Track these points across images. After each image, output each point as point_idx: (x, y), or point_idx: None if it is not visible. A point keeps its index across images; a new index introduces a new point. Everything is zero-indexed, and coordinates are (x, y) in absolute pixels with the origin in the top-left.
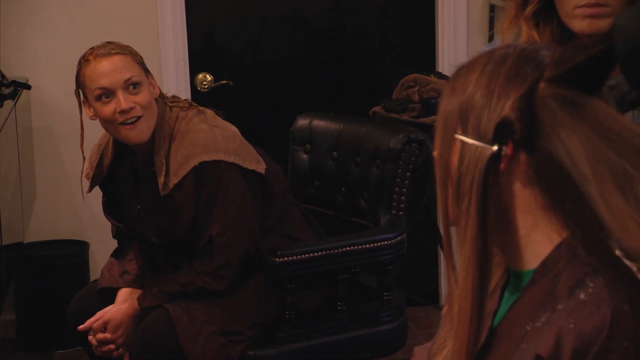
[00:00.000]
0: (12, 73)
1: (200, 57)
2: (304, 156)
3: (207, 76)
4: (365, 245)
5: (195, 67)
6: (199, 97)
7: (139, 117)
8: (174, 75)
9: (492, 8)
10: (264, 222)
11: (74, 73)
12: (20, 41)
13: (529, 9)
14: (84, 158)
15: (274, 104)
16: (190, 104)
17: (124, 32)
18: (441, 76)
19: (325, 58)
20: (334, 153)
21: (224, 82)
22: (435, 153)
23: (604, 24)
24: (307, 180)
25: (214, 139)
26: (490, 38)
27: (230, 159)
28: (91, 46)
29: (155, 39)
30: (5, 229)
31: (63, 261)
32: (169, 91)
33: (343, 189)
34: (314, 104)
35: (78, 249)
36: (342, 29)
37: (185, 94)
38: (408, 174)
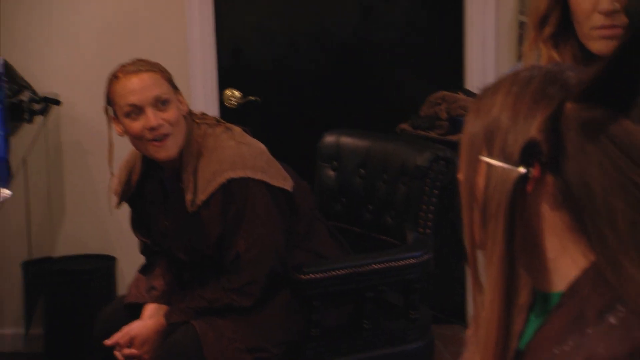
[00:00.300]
0: (43, 89)
1: (228, 73)
2: (331, 173)
3: (235, 92)
4: (391, 263)
5: (223, 83)
6: (226, 113)
7: (167, 134)
8: (202, 91)
9: (521, 25)
10: (290, 239)
11: (104, 90)
12: (50, 57)
13: (547, 31)
14: (112, 174)
15: (302, 121)
16: (218, 121)
17: (152, 48)
18: (469, 93)
19: (352, 74)
20: (362, 170)
21: (252, 98)
22: (460, 175)
23: None
24: (333, 197)
25: (242, 156)
26: (520, 55)
27: (258, 176)
28: (120, 63)
29: (183, 55)
30: (34, 243)
31: (91, 276)
32: (197, 108)
33: (370, 206)
34: (341, 121)
35: (106, 264)
36: (369, 45)
37: (213, 110)
38: (435, 191)
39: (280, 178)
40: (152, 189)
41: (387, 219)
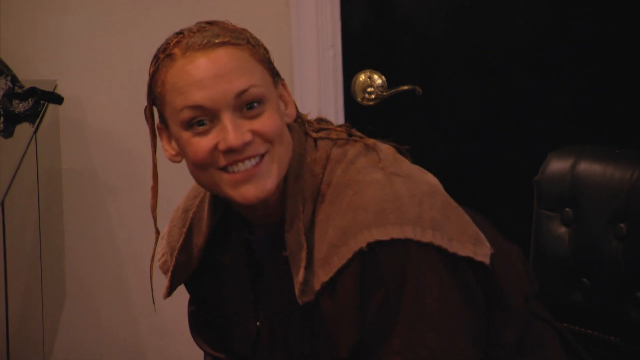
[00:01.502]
0: (33, 74)
1: (362, 45)
2: (562, 230)
3: (376, 77)
4: None
5: (353, 63)
6: (359, 115)
7: (260, 157)
8: (314, 76)
9: None
10: (491, 354)
11: (137, 77)
12: (44, 26)
13: None
14: (157, 232)
15: (499, 129)
16: (350, 135)
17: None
18: None
19: (602, 40)
20: (621, 225)
21: (406, 87)
22: None
23: None
24: (568, 276)
25: (396, 199)
26: None
27: (427, 236)
28: (177, 25)
29: (283, 11)
30: (15, 353)
31: None
32: (302, 105)
33: (639, 294)
34: (577, 131)
35: None
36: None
37: (334, 110)
38: None
39: (469, 240)
40: (231, 260)
41: None
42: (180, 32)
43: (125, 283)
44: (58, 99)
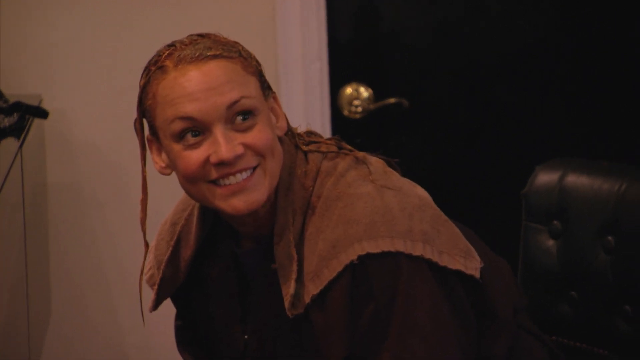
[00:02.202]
0: (18, 88)
1: (349, 57)
2: (550, 243)
3: (363, 90)
4: None
5: (339, 76)
6: (346, 128)
7: (252, 170)
8: (300, 90)
9: None
10: None
11: (122, 91)
12: (29, 40)
13: None
14: (146, 245)
15: (487, 142)
16: (340, 147)
17: (205, 13)
18: None
19: (590, 54)
20: (609, 238)
21: (393, 100)
22: None
23: None
24: (556, 288)
25: (387, 212)
26: None
27: (418, 249)
28: (165, 39)
29: (268, 24)
30: None
31: None
32: (292, 121)
33: (627, 306)
34: (564, 144)
35: None
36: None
37: (321, 124)
38: None
39: (459, 253)
40: (217, 274)
41: None
42: (172, 45)
43: (112, 298)
44: (43, 113)
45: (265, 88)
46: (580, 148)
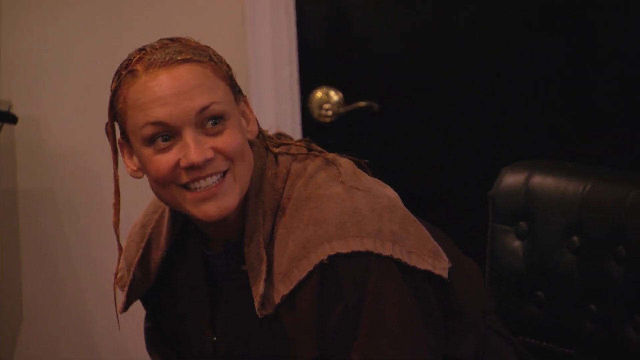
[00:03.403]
0: None
1: (319, 61)
2: (516, 243)
3: (333, 94)
4: None
5: (310, 80)
6: (316, 131)
7: (222, 174)
8: (271, 94)
9: None
10: None
11: (96, 94)
12: None
13: None
14: (119, 249)
15: (454, 144)
16: (310, 149)
17: (175, 18)
18: None
19: (554, 59)
20: (574, 238)
21: (363, 104)
22: None
23: None
24: (522, 289)
25: (356, 212)
26: None
27: (387, 249)
28: (135, 44)
29: (238, 29)
30: None
31: None
32: (263, 125)
33: (593, 306)
34: (532, 145)
35: None
36: (591, 5)
37: (291, 128)
38: None
39: (427, 253)
40: (187, 276)
41: (629, 332)
42: (143, 49)
43: (84, 304)
44: (12, 119)
45: (237, 92)
46: (546, 149)
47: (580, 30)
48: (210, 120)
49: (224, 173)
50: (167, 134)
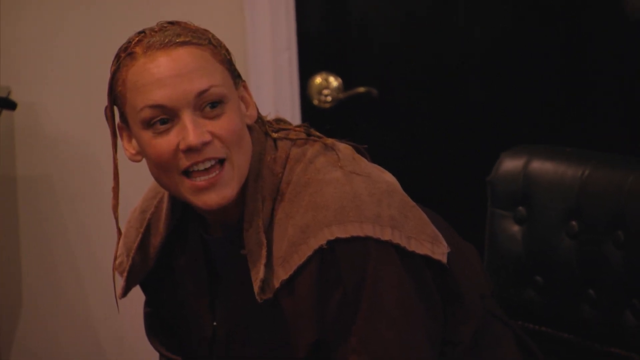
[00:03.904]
0: None
1: (318, 48)
2: (515, 228)
3: (332, 80)
4: None
5: (309, 66)
6: (315, 117)
7: (220, 161)
8: (270, 80)
9: None
10: (445, 352)
11: (95, 80)
12: None
13: None
14: (119, 232)
15: (453, 129)
16: (309, 134)
17: (175, 3)
18: None
19: (553, 44)
20: (573, 223)
21: (362, 89)
22: None
23: None
24: (521, 274)
25: (356, 197)
26: None
27: (386, 234)
28: (133, 29)
29: (237, 14)
30: None
31: None
32: (262, 111)
33: (591, 291)
34: (531, 130)
35: None
36: None
37: (290, 114)
38: None
39: (427, 238)
40: (187, 261)
41: (627, 316)
42: (142, 32)
43: (83, 290)
44: (11, 105)
45: (236, 77)
46: (545, 134)
47: (577, 15)
48: (208, 105)
49: (222, 162)
50: (166, 117)
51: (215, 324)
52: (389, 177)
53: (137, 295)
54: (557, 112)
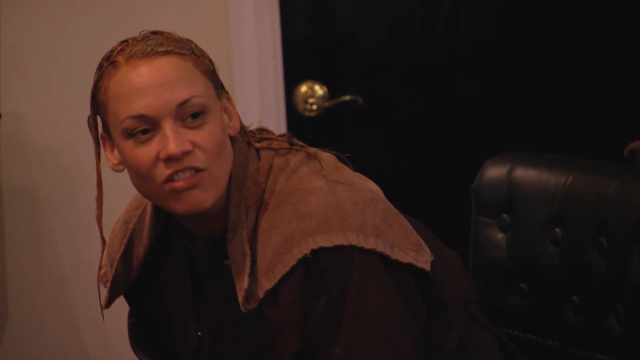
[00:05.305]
0: None
1: (303, 55)
2: (499, 236)
3: (318, 88)
4: None
5: (294, 74)
6: (301, 126)
7: (199, 170)
8: (255, 89)
9: None
10: (431, 358)
11: (80, 89)
12: None
13: None
14: (103, 242)
15: (438, 137)
16: (292, 144)
17: (159, 12)
18: None
19: (537, 52)
20: (557, 230)
21: (348, 98)
22: None
23: None
24: (505, 281)
25: (339, 206)
26: None
27: (370, 243)
28: (118, 38)
29: (222, 23)
30: None
31: None
32: (247, 120)
33: (575, 297)
34: (515, 137)
35: None
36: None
37: (276, 122)
38: None
39: (410, 246)
40: (171, 271)
41: (610, 322)
42: (125, 41)
43: (69, 298)
44: None
45: (218, 87)
46: (528, 142)
47: (563, 23)
48: (190, 115)
49: (202, 170)
50: (147, 127)
51: (200, 333)
52: (372, 186)
53: (125, 302)
54: (541, 119)
